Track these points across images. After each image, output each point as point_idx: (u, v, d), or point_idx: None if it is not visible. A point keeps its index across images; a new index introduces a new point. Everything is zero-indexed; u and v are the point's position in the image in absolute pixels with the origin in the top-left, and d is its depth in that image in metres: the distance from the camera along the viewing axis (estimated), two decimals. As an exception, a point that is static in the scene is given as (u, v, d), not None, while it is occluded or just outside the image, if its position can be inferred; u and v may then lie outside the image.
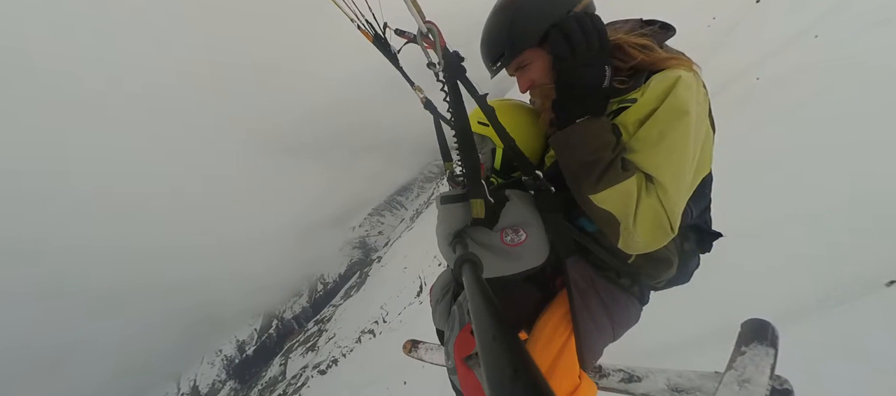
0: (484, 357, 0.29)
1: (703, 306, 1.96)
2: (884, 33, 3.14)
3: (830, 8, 4.24)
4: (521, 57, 1.00)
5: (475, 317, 0.37)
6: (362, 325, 19.65)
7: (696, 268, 1.17)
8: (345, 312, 35.05)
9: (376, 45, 1.01)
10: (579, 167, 0.87)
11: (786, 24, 4.74)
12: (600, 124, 0.86)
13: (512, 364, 0.26)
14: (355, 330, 21.11)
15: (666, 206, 0.83)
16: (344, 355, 19.35)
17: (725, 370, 1.08)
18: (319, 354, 30.54)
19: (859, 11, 3.73)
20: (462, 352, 1.04)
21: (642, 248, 0.88)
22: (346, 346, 20.46)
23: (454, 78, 0.83)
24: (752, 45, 4.92)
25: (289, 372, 46.29)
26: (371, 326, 17.78)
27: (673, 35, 1.01)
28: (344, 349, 20.75)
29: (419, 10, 0.75)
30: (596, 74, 0.85)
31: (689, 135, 0.83)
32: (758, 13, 5.94)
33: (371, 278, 38.39)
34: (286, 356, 56.67)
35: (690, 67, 0.91)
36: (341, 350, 21.49)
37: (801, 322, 1.63)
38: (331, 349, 25.75)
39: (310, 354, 38.62)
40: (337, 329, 30.85)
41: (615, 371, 1.38)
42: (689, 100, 0.83)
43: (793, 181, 2.46)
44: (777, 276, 1.97)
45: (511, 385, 0.24)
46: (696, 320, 1.97)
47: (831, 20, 4.02)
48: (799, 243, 2.04)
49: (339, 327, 30.74)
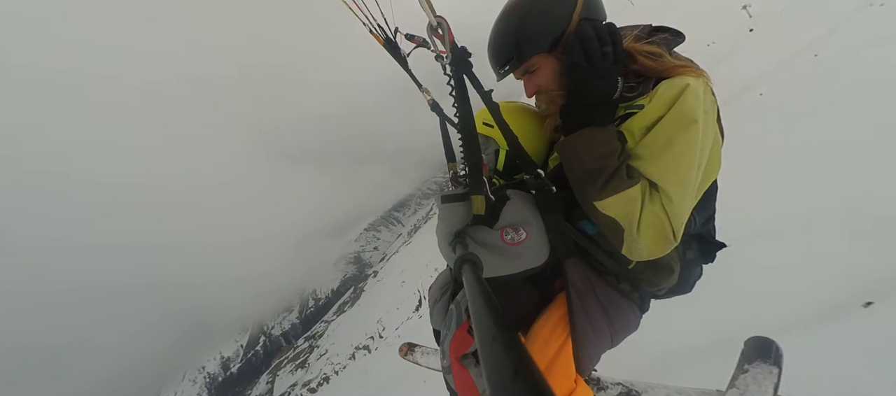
0: (484, 357, 0.29)
1: (704, 317, 1.96)
2: (880, 52, 3.33)
3: (828, 30, 4.47)
4: (529, 62, 1.00)
5: (475, 317, 0.36)
6: (357, 341, 19.19)
7: (698, 278, 1.16)
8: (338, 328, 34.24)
9: (387, 49, 1.03)
10: (584, 173, 0.88)
11: (784, 46, 4.99)
12: (606, 132, 0.87)
13: (512, 364, 0.26)
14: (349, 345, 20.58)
15: (670, 215, 0.83)
16: (336, 372, 18.76)
17: (727, 388, 1.05)
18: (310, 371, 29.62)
19: (856, 32, 3.95)
20: (458, 350, 1.03)
21: (645, 256, 0.88)
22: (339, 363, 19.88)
23: (460, 71, 0.85)
24: (752, 65, 5.16)
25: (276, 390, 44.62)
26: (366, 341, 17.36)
27: (682, 42, 1.01)
28: (336, 365, 20.16)
29: (430, 5, 0.80)
30: (608, 85, 0.86)
31: (696, 144, 0.83)
32: (754, 37, 6.26)
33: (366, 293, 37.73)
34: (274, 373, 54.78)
35: (699, 75, 0.90)
36: (334, 366, 20.86)
37: (804, 333, 1.63)
38: (322, 365, 25.00)
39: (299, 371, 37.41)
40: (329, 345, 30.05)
41: (614, 385, 1.33)
42: (697, 108, 0.83)
43: (795, 187, 2.55)
44: (784, 285, 1.98)
45: (511, 385, 0.24)
46: (698, 332, 1.97)
47: (830, 40, 4.23)
48: (804, 249, 2.07)
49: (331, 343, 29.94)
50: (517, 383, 0.24)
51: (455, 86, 0.87)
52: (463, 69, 0.85)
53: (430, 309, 1.35)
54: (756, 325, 1.59)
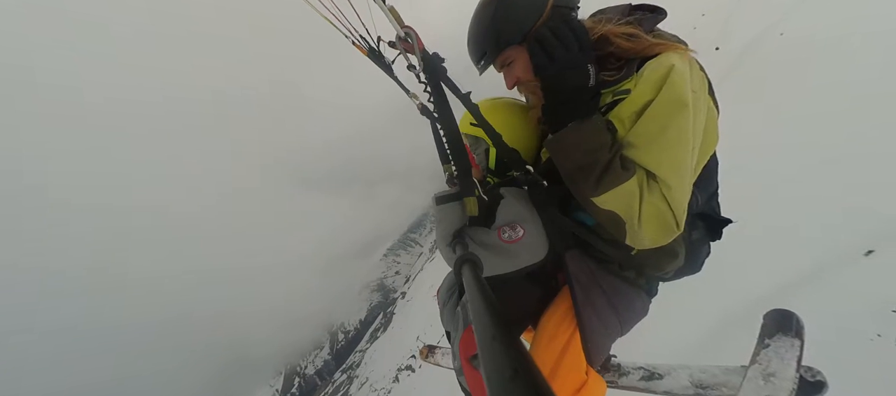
0: (483, 357, 0.29)
1: (719, 295, 1.94)
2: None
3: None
4: (504, 54, 0.99)
5: (475, 317, 0.37)
6: (398, 362, 18.97)
7: (706, 257, 1.14)
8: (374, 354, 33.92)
9: (371, 58, 1.05)
10: (576, 170, 0.86)
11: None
12: (593, 124, 0.85)
13: (511, 364, 0.26)
14: (391, 368, 20.36)
15: (671, 203, 0.82)
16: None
17: (749, 364, 1.04)
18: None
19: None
20: (467, 351, 1.03)
21: (649, 244, 0.88)
22: (383, 387, 19.63)
23: (436, 78, 0.86)
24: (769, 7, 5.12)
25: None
26: (408, 361, 17.15)
27: (663, 18, 0.98)
28: (381, 391, 19.90)
29: (398, 18, 0.83)
30: (579, 77, 0.84)
31: (688, 128, 0.82)
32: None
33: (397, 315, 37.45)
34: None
35: (683, 52, 0.89)
36: (378, 393, 20.61)
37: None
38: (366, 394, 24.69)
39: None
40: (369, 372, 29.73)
41: (635, 369, 1.32)
42: (685, 90, 0.81)
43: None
44: (788, 245, 2.00)
45: (511, 385, 0.24)
46: (713, 309, 1.94)
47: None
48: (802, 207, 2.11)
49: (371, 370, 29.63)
50: (516, 382, 0.24)
51: (432, 92, 0.88)
52: (438, 75, 0.86)
53: (440, 312, 1.35)
54: (769, 293, 1.67)
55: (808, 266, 1.82)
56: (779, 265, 1.94)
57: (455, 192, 0.95)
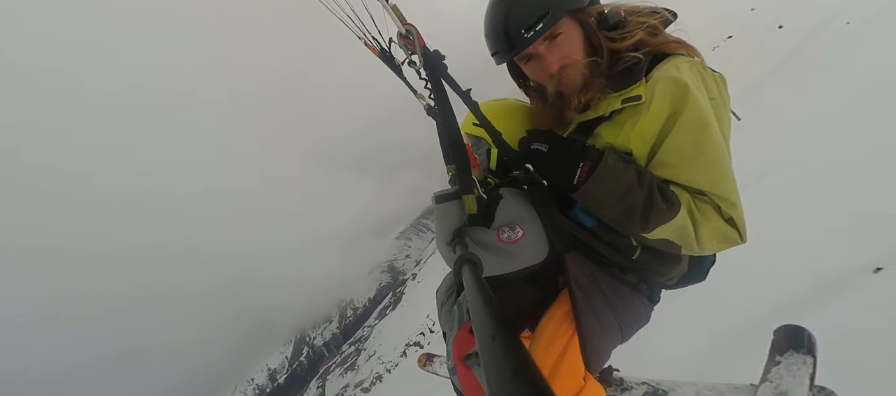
0: (484, 357, 0.29)
1: (726, 307, 1.86)
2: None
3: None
4: (558, 23, 0.88)
5: (475, 318, 0.36)
6: (406, 338, 19.64)
7: (711, 265, 1.11)
8: (383, 330, 35.00)
9: (382, 59, 1.04)
10: (617, 217, 0.85)
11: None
12: (609, 170, 0.83)
13: (512, 364, 0.25)
14: (399, 343, 21.11)
15: (735, 219, 0.82)
16: (389, 370, 19.28)
17: (759, 382, 1.00)
18: (360, 373, 30.49)
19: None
20: (460, 351, 1.03)
21: (709, 253, 0.91)
22: (391, 361, 20.40)
23: (437, 75, 0.85)
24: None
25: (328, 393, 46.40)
26: (416, 338, 17.77)
27: (674, 21, 0.98)
28: (388, 364, 20.70)
29: (400, 15, 0.84)
30: (567, 179, 0.87)
31: (720, 139, 0.82)
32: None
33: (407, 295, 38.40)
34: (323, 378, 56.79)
35: (692, 54, 0.89)
36: (385, 365, 21.44)
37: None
38: (373, 365, 25.69)
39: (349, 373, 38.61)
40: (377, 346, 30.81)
41: (638, 385, 1.26)
42: (705, 107, 0.81)
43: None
44: (794, 259, 1.87)
45: (511, 385, 0.24)
46: (720, 320, 1.87)
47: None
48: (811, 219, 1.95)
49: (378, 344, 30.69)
50: (516, 383, 0.24)
51: (433, 89, 0.87)
52: (438, 72, 0.86)
53: (438, 311, 1.33)
54: (776, 306, 1.58)
55: (820, 278, 1.74)
56: (788, 276, 1.87)
57: (455, 191, 0.94)
